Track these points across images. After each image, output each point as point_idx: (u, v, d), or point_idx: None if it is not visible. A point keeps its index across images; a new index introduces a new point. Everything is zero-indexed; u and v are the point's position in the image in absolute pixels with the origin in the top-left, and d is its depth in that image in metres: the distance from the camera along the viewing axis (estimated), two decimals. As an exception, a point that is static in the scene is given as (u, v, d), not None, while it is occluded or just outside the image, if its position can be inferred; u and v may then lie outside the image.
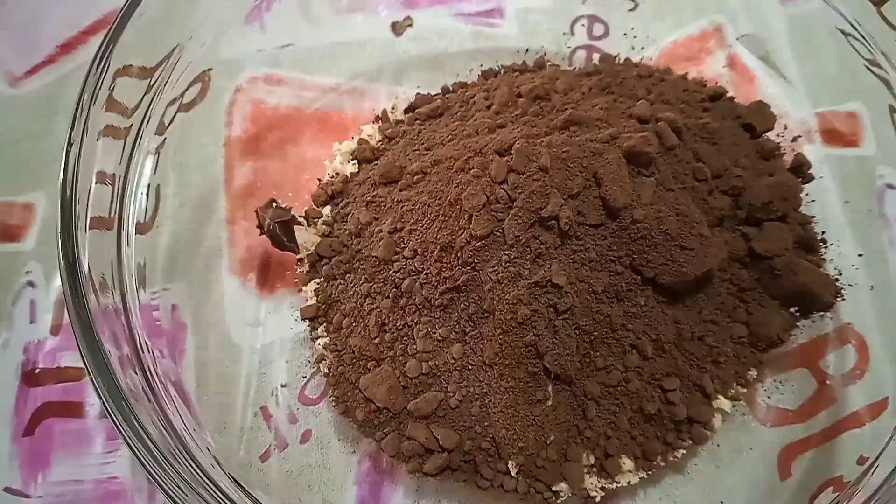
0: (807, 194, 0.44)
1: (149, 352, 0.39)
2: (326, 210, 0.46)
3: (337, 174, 0.47)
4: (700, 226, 0.38)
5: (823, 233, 0.44)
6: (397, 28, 0.55)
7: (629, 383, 0.38)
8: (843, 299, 0.43)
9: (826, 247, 0.44)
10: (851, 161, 0.49)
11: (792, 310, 0.42)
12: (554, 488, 0.38)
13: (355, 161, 0.47)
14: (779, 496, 0.41)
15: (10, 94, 0.54)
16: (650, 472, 0.39)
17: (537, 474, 0.38)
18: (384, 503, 0.42)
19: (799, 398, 0.43)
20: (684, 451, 0.40)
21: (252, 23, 0.51)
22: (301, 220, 0.45)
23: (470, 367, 0.38)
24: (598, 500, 0.39)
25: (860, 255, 0.45)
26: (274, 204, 0.45)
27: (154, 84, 0.43)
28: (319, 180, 0.48)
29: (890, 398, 0.41)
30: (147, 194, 0.43)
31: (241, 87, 0.52)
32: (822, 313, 0.43)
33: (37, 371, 0.46)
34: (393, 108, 0.51)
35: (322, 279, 0.44)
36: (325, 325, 0.43)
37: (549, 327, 0.37)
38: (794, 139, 0.48)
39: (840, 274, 0.44)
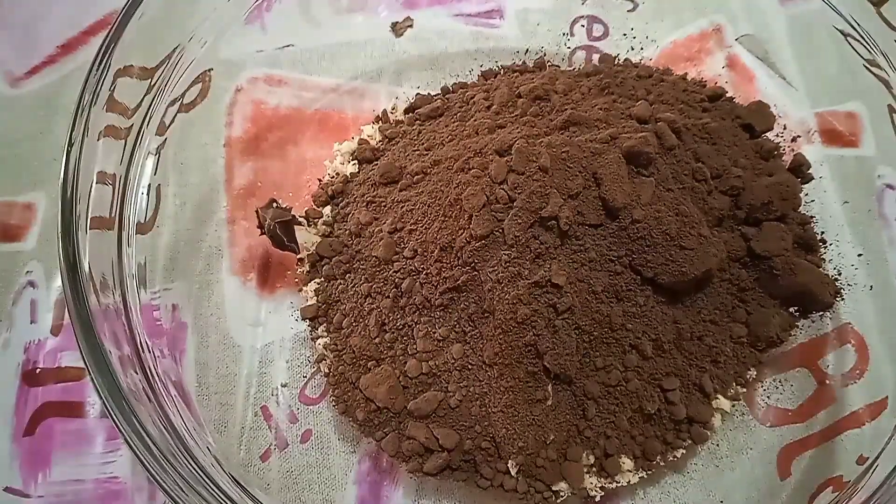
0: (806, 194, 0.44)
1: (149, 351, 0.39)
2: (327, 210, 0.46)
3: (337, 174, 0.47)
4: (699, 226, 0.38)
5: (823, 233, 0.44)
6: (397, 28, 0.55)
7: (629, 383, 0.38)
8: (843, 299, 0.43)
9: (825, 247, 0.44)
10: (851, 161, 0.49)
11: (791, 310, 0.42)
12: (554, 488, 0.38)
13: (355, 161, 0.47)
14: (778, 496, 0.41)
15: (10, 94, 0.54)
16: (650, 472, 0.39)
17: (537, 474, 0.38)
18: (384, 503, 0.42)
19: (798, 398, 0.43)
20: (684, 451, 0.40)
21: (252, 23, 0.51)
22: (301, 220, 0.45)
23: (470, 367, 0.38)
24: (597, 499, 0.39)
25: (859, 255, 0.45)
26: (274, 204, 0.45)
27: (155, 84, 0.43)
28: (320, 180, 0.48)
29: (889, 398, 0.42)
30: (147, 194, 0.43)
31: (242, 88, 0.52)
32: (821, 313, 0.43)
33: (37, 371, 0.46)
34: (393, 109, 0.51)
35: (322, 279, 0.44)
36: (325, 324, 0.43)
37: (549, 327, 0.37)
38: (794, 139, 0.48)
39: (839, 274, 0.44)
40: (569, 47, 0.54)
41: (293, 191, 0.50)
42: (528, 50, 0.53)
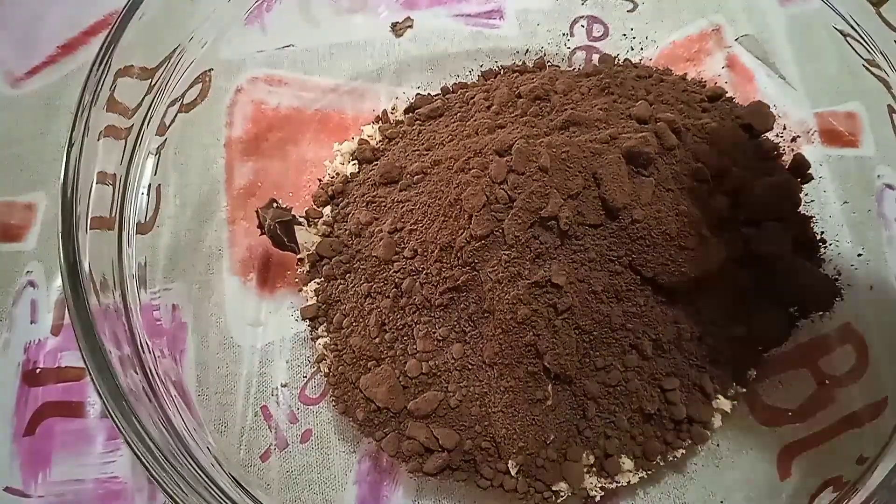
0: (806, 194, 0.44)
1: (149, 352, 0.39)
2: (327, 210, 0.46)
3: (337, 174, 0.47)
4: (699, 226, 0.38)
5: (822, 233, 0.44)
6: (397, 29, 0.55)
7: (629, 383, 0.38)
8: (842, 299, 0.43)
9: (825, 247, 0.44)
10: (850, 161, 0.49)
11: (791, 310, 0.42)
12: (554, 488, 0.38)
13: (355, 161, 0.47)
14: (778, 496, 0.41)
15: (10, 94, 0.54)
16: (650, 472, 0.39)
17: (537, 474, 0.38)
18: (384, 503, 0.42)
19: (798, 398, 0.43)
20: (684, 451, 0.40)
21: (252, 23, 0.51)
22: (301, 220, 0.45)
23: (470, 367, 0.38)
24: (597, 499, 0.39)
25: (859, 255, 0.45)
26: (274, 204, 0.45)
27: (155, 84, 0.43)
28: (320, 180, 0.48)
29: (889, 398, 0.41)
30: (148, 194, 0.43)
31: (242, 88, 0.52)
32: (821, 313, 0.43)
33: (37, 371, 0.46)
34: (393, 109, 0.51)
35: (322, 279, 0.44)
36: (325, 324, 0.43)
37: (549, 327, 0.37)
38: (793, 139, 0.48)
39: (839, 274, 0.44)
40: (569, 47, 0.54)
41: (293, 191, 0.50)
42: (528, 50, 0.53)
